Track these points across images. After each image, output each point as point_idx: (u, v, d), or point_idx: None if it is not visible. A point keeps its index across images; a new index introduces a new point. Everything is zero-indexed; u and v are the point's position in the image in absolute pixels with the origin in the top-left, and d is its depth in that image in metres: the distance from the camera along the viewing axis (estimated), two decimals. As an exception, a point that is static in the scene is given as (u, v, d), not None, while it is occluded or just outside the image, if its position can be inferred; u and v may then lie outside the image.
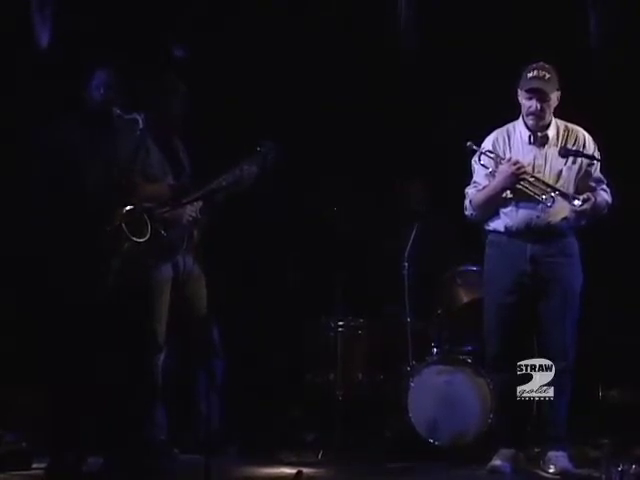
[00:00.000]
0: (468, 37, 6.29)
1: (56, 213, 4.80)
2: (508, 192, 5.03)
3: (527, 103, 5.03)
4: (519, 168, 4.98)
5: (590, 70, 6.15)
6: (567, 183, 5.02)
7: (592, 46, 6.24)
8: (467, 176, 5.21)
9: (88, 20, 5.95)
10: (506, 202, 5.06)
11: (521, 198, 5.01)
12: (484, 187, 5.10)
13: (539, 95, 5.00)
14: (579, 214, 4.98)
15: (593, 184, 5.08)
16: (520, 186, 4.99)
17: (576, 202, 4.92)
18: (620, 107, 6.06)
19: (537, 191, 4.97)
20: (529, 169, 5.00)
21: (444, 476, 5.11)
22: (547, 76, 5.00)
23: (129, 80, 5.01)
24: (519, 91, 5.06)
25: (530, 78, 5.01)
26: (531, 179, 4.98)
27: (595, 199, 4.98)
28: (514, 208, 5.04)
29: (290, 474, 4.83)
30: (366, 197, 6.39)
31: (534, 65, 5.05)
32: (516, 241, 5.04)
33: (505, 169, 5.01)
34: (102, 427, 4.89)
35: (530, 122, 5.06)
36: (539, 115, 5.02)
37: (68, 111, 5.08)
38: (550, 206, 4.95)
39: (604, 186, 5.11)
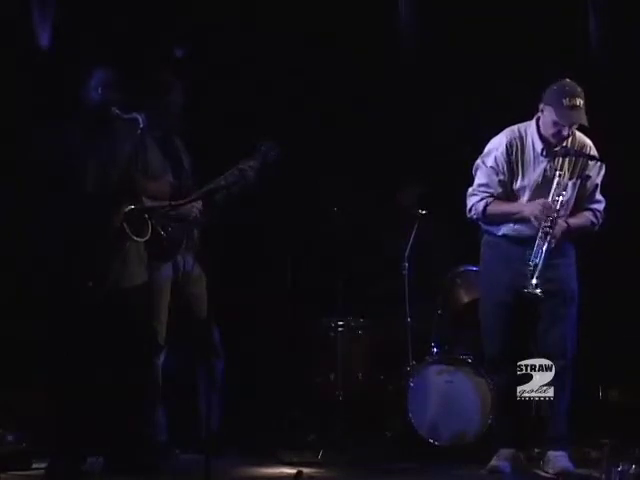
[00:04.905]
0: (468, 37, 6.28)
1: (56, 213, 4.80)
2: None
3: (558, 128, 4.87)
4: (549, 214, 4.87)
5: (590, 70, 6.15)
6: (570, 199, 4.98)
7: (592, 47, 6.24)
8: (466, 176, 5.19)
9: (88, 20, 5.95)
10: None
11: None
12: (498, 194, 5.02)
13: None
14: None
15: (590, 205, 5.05)
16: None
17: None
18: (620, 107, 6.06)
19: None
20: (549, 202, 4.89)
21: (444, 476, 5.10)
22: (582, 102, 4.82)
23: (128, 80, 5.01)
24: (549, 109, 4.86)
25: (568, 107, 4.80)
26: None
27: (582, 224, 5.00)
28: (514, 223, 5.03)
29: (290, 474, 4.83)
30: (366, 197, 6.38)
31: (568, 88, 4.82)
32: (514, 242, 5.04)
33: (539, 210, 4.88)
34: (102, 427, 4.88)
35: (553, 140, 4.92)
36: (566, 138, 4.93)
37: (68, 111, 5.08)
38: None
39: (598, 206, 5.06)
